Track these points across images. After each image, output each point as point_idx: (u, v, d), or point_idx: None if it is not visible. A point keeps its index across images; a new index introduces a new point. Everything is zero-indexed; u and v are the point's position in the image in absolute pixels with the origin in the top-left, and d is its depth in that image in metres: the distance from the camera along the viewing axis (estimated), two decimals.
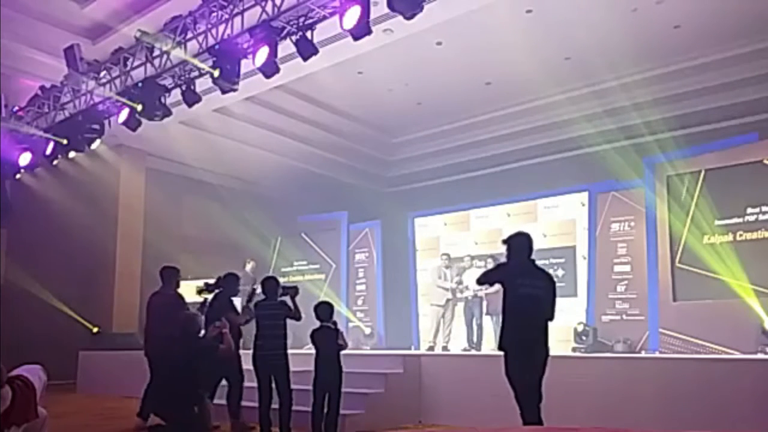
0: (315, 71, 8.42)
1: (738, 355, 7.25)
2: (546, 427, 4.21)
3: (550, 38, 8.63)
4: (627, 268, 9.47)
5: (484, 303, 9.41)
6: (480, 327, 9.53)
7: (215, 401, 6.29)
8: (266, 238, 12.97)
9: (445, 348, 9.76)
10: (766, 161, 8.08)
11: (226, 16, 7.37)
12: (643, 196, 9.21)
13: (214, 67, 7.41)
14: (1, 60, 8.21)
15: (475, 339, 9.55)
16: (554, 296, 4.65)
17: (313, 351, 6.03)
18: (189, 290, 7.13)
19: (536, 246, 10.35)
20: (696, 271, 8.32)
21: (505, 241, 4.83)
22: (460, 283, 9.87)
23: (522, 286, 4.55)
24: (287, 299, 6.06)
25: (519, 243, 4.78)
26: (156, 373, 6.42)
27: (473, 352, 9.21)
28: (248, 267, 11.37)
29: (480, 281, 5.04)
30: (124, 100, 8.43)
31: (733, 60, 8.99)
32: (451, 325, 9.96)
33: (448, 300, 9.93)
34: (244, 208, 12.22)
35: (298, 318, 6.07)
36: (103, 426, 7.12)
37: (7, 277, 12.01)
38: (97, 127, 9.16)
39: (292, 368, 6.04)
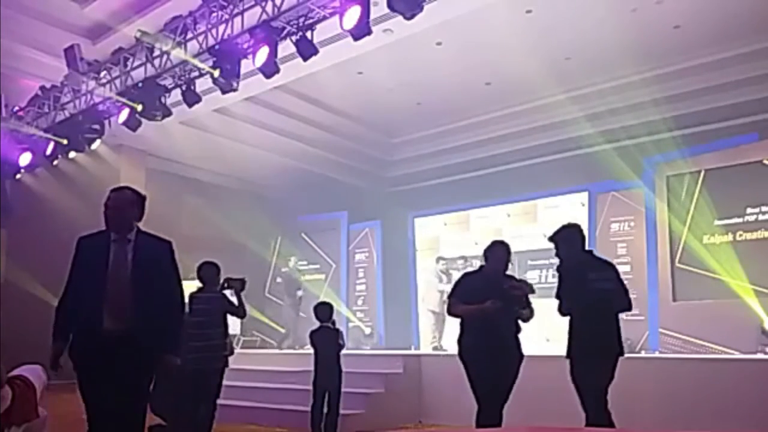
0: (315, 71, 8.41)
1: (738, 355, 7.25)
2: (546, 427, 4.21)
3: (550, 38, 8.62)
4: (627, 268, 9.47)
5: None
6: None
7: (223, 401, 6.23)
8: (266, 238, 12.97)
9: (437, 348, 9.78)
10: (766, 161, 8.08)
11: (226, 16, 7.37)
12: (643, 196, 9.22)
13: (214, 67, 7.41)
14: (1, 60, 8.20)
15: None
16: (624, 285, 4.36)
17: (312, 351, 6.03)
18: (190, 291, 7.13)
19: (536, 246, 10.36)
20: (696, 271, 8.33)
21: (551, 239, 4.47)
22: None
23: (592, 281, 4.19)
24: (230, 294, 5.39)
25: (570, 236, 4.45)
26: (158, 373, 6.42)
27: None
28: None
29: (561, 310, 4.32)
30: (124, 100, 8.43)
31: (733, 60, 8.99)
32: (443, 325, 9.97)
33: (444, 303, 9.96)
34: (244, 208, 12.21)
35: (241, 315, 5.39)
36: None
37: (7, 277, 12.00)
38: (97, 127, 9.16)
39: (292, 368, 6.03)
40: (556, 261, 4.55)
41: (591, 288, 4.19)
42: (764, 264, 7.80)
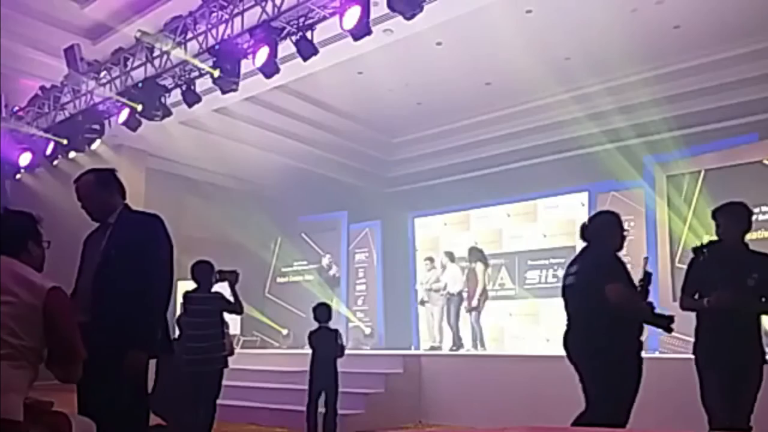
0: (315, 71, 8.41)
1: None
2: (545, 427, 4.21)
3: (550, 38, 8.62)
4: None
5: (464, 302, 9.41)
6: (464, 326, 9.53)
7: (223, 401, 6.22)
8: (266, 239, 12.97)
9: (435, 348, 9.80)
10: (766, 161, 8.08)
11: (226, 17, 7.37)
12: (643, 196, 9.22)
13: (214, 67, 7.41)
14: (1, 60, 8.20)
15: (464, 338, 9.55)
16: None
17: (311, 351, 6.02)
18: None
19: (536, 246, 10.33)
20: None
21: (714, 214, 3.93)
22: (439, 281, 10.01)
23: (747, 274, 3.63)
24: (224, 288, 5.20)
25: (741, 214, 3.82)
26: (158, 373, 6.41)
27: (475, 351, 9.22)
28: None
29: (684, 307, 3.98)
30: (124, 100, 8.44)
31: (733, 60, 8.99)
32: (442, 323, 10.00)
33: (423, 301, 10.25)
34: (244, 208, 12.21)
35: (239, 311, 5.19)
36: None
37: None
38: (97, 127, 9.16)
39: (292, 368, 6.03)
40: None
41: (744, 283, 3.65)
42: None
